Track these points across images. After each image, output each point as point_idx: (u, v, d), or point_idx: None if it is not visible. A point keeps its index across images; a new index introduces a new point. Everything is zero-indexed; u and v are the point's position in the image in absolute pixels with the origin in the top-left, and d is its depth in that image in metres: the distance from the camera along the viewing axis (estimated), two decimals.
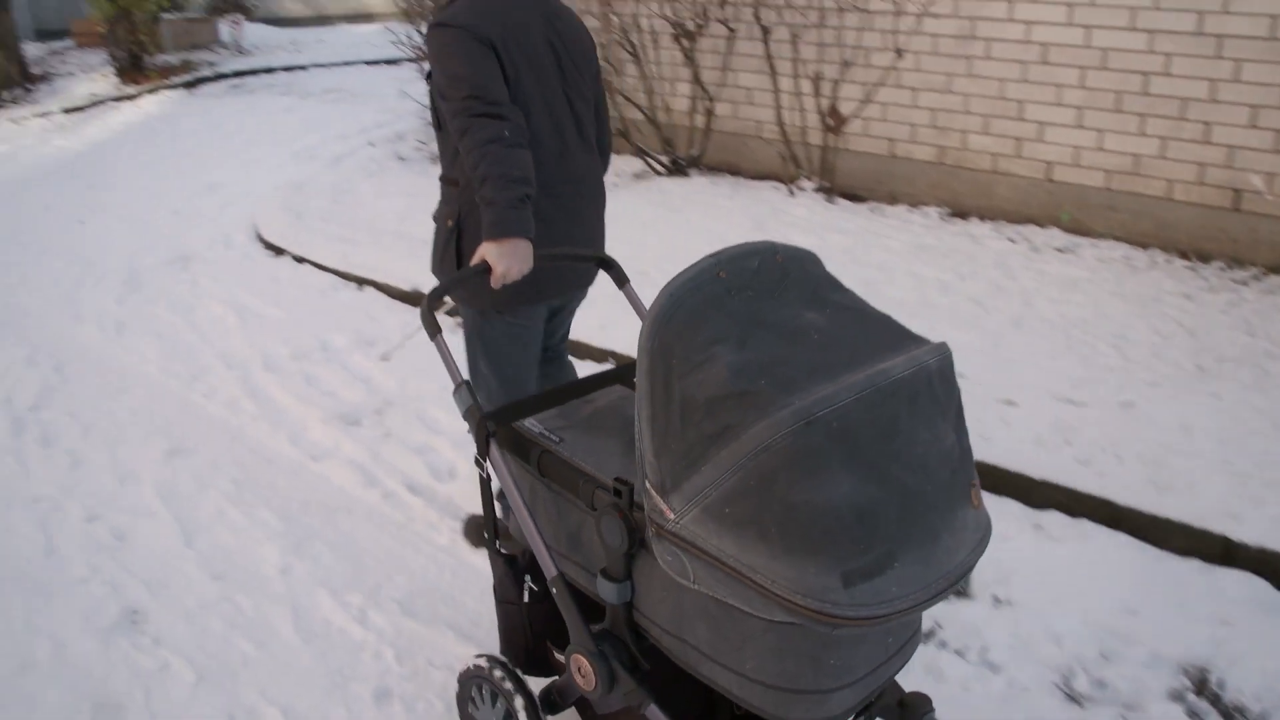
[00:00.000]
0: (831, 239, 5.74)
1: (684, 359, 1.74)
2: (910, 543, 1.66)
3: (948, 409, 1.81)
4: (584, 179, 2.96)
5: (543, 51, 2.78)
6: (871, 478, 1.64)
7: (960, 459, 1.80)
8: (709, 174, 7.19)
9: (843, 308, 1.92)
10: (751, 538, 1.64)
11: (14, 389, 4.86)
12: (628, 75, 7.32)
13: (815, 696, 1.82)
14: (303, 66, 14.47)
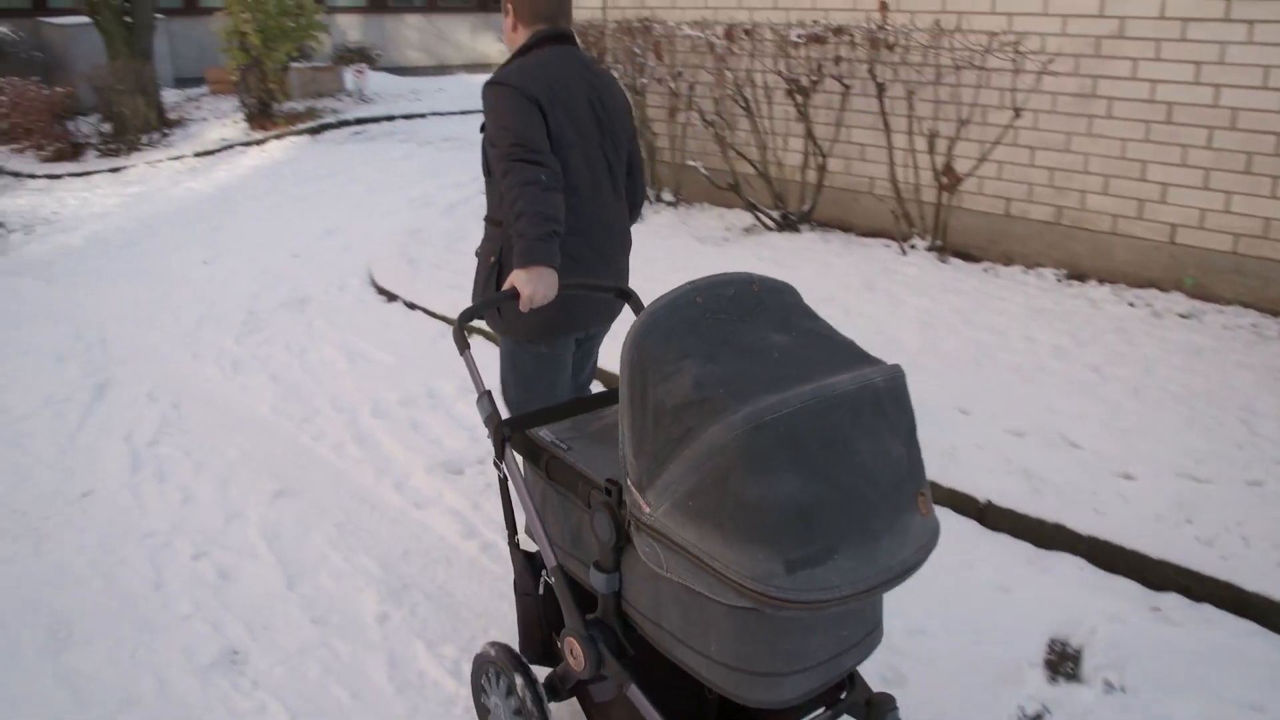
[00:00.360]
0: (943, 299, 5.63)
1: (657, 371, 2.00)
2: (850, 539, 1.87)
3: (897, 425, 2.02)
4: (613, 224, 3.31)
5: (584, 111, 3.14)
6: (815, 479, 1.86)
7: (909, 470, 2.01)
8: (820, 230, 7.13)
9: (809, 332, 2.17)
10: (709, 528, 1.88)
11: (135, 424, 5.02)
12: (740, 129, 7.33)
13: (771, 679, 2.04)
14: (422, 115, 14.85)
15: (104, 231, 9.29)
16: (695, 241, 7.06)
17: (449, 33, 21.91)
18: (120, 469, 4.54)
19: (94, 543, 3.94)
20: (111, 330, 6.42)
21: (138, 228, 9.27)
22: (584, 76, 3.18)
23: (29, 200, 11.14)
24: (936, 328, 5.28)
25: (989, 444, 4.16)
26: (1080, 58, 5.93)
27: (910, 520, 1.99)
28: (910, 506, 1.99)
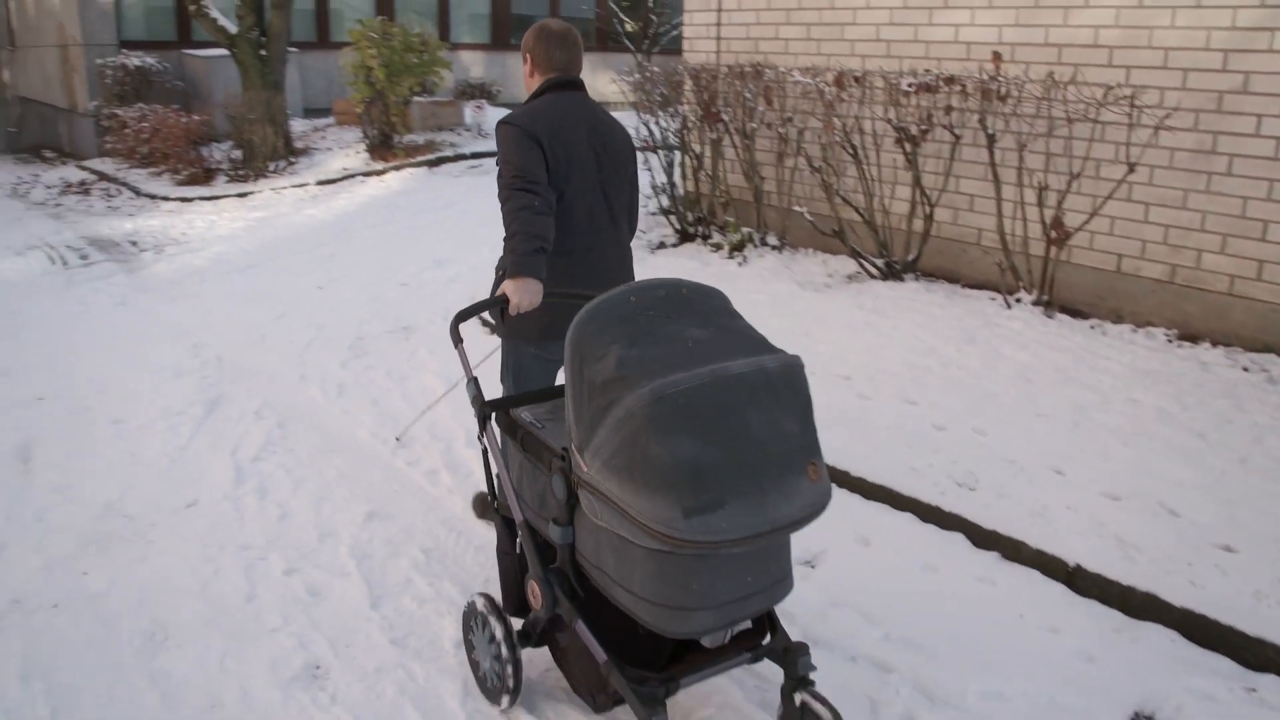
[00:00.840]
0: (1045, 355, 5.51)
1: (591, 354, 2.46)
2: (740, 493, 2.32)
3: (791, 404, 2.48)
4: (608, 248, 3.70)
5: (584, 149, 3.56)
6: (709, 442, 2.31)
7: (800, 443, 2.47)
8: (924, 280, 7.06)
9: (725, 328, 2.61)
10: (626, 481, 2.34)
11: (241, 440, 5.22)
12: (847, 176, 7.31)
13: (683, 613, 2.46)
14: None
15: (227, 254, 9.68)
16: (797, 286, 7.06)
17: None
18: (224, 482, 4.72)
19: (195, 552, 4.10)
20: (227, 349, 6.68)
21: (259, 251, 9.64)
22: (588, 120, 3.61)
23: (161, 221, 11.68)
24: (1036, 384, 5.17)
25: (1082, 506, 4.06)
26: (1200, 113, 5.79)
27: (799, 483, 2.44)
28: (800, 472, 2.45)
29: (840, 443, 4.74)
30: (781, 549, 2.65)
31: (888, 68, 7.21)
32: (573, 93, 3.65)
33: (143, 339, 7.04)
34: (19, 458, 5.11)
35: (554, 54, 3.67)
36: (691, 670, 2.69)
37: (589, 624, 2.70)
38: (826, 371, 5.52)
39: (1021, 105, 6.27)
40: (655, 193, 8.67)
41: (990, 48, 6.63)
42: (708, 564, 2.44)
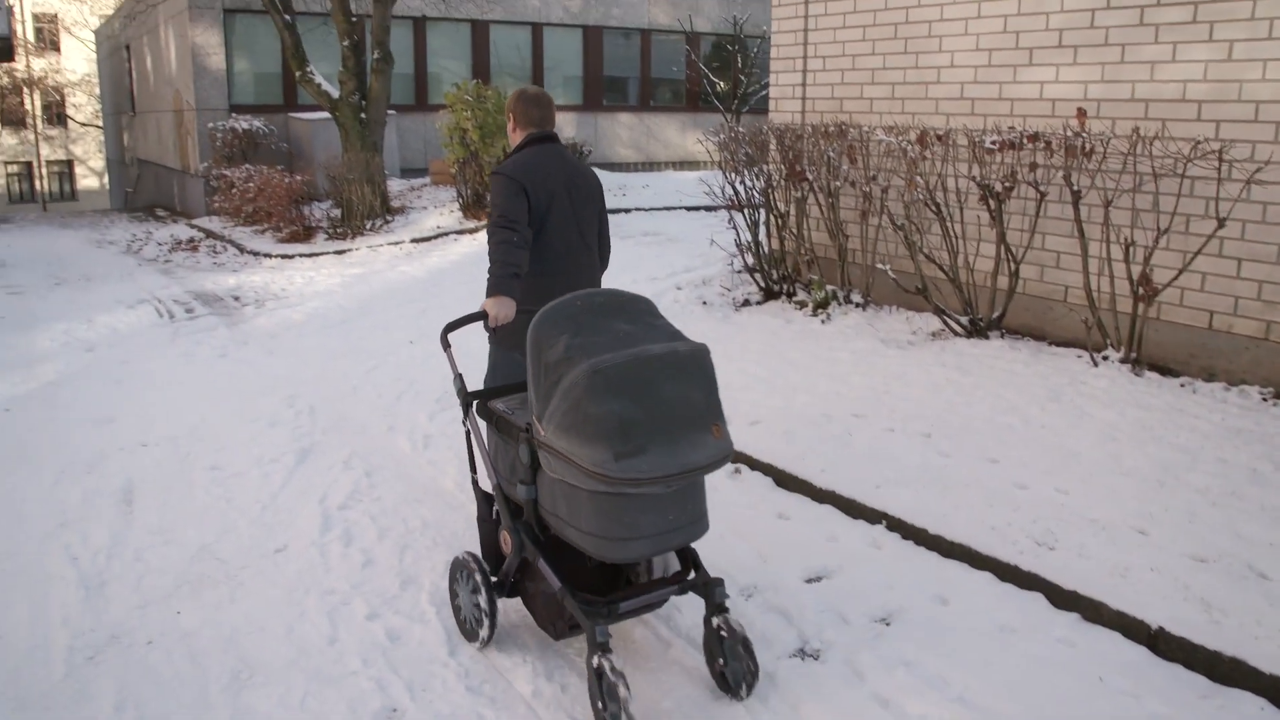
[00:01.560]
0: (1131, 414, 5.42)
1: (546, 342, 3.22)
2: (657, 443, 3.06)
3: (698, 380, 3.22)
4: (581, 270, 4.46)
5: (560, 191, 4.35)
6: (632, 404, 3.05)
7: (705, 409, 3.22)
8: (1009, 337, 6.99)
9: (648, 325, 3.36)
10: (572, 436, 3.06)
11: (330, 488, 5.38)
12: (931, 234, 7.31)
13: (619, 542, 3.17)
14: (625, 209, 15.37)
15: (324, 309, 10.00)
16: (880, 343, 7.05)
17: (658, 131, 22.65)
18: (312, 529, 4.88)
19: (281, 595, 4.24)
20: (320, 400, 6.90)
21: (354, 306, 9.94)
22: (562, 167, 4.39)
23: (263, 277, 12.11)
24: (1121, 442, 5.08)
25: (1166, 568, 3.98)
26: None
27: (705, 439, 3.19)
28: (706, 430, 3.20)
29: (918, 500, 4.71)
30: (697, 493, 3.37)
31: (972, 125, 7.21)
32: (550, 145, 4.44)
33: (241, 390, 7.31)
34: (123, 500, 5.35)
35: (531, 112, 4.45)
36: (630, 597, 3.38)
37: (548, 561, 3.41)
38: (906, 429, 5.50)
39: (1107, 161, 6.23)
40: (740, 250, 8.75)
41: (1075, 104, 6.61)
42: (636, 501, 3.16)
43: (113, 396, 7.32)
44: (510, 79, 20.43)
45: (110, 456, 6.02)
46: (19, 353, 8.75)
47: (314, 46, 17.17)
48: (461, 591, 3.86)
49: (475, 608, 3.74)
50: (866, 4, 8.15)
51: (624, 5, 21.71)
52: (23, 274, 13.47)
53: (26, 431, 6.56)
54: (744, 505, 5.02)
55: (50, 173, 45.58)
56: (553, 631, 3.54)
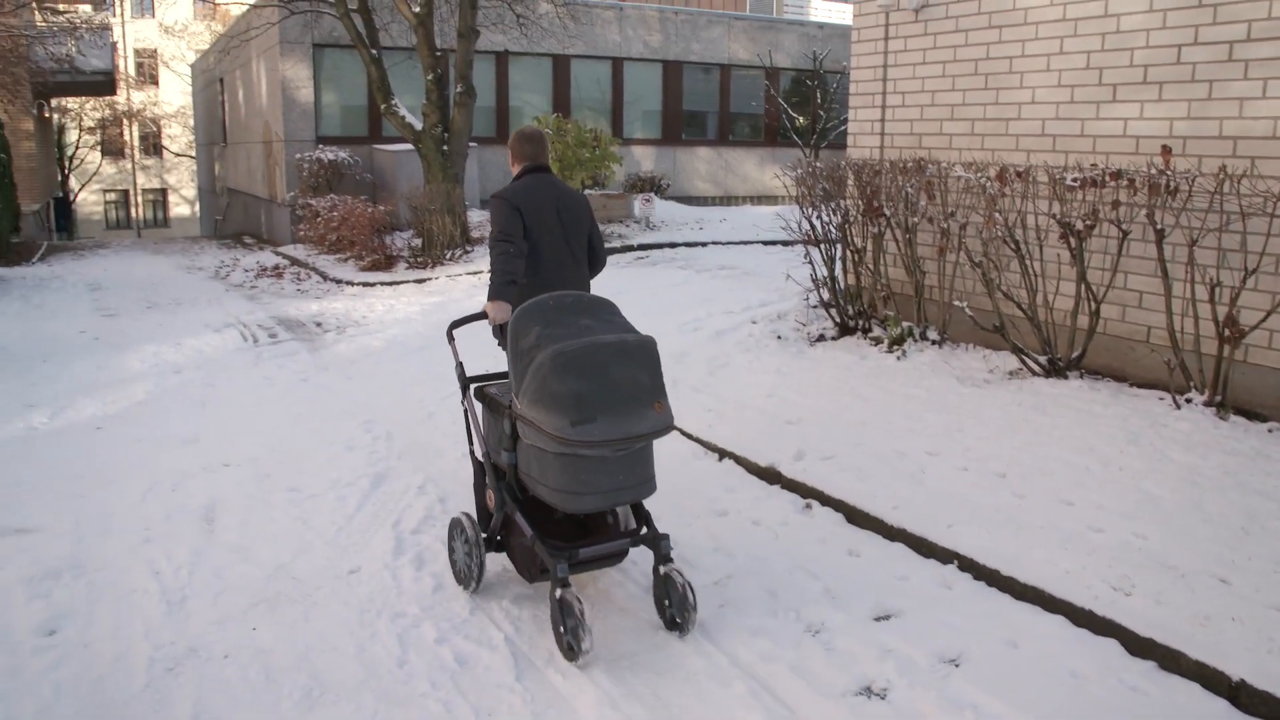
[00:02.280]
0: (1215, 459, 5.29)
1: (522, 333, 3.97)
2: (606, 413, 3.77)
3: (644, 364, 3.94)
4: (569, 280, 5.10)
5: (550, 212, 5.09)
6: (586, 382, 3.77)
7: (649, 389, 3.93)
8: (1089, 378, 6.87)
9: (607, 320, 4.14)
10: (540, 408, 3.79)
11: (403, 513, 5.47)
12: (1010, 271, 7.23)
13: (576, 496, 3.90)
14: (703, 243, 15.44)
15: (403, 336, 10.18)
16: (955, 381, 6.97)
17: (736, 165, 22.73)
18: (385, 552, 4.96)
19: (354, 616, 4.32)
20: (396, 426, 7.02)
21: (432, 334, 10.10)
22: (551, 193, 5.15)
23: (344, 304, 12.37)
24: (1203, 488, 4.96)
25: (1249, 618, 3.87)
26: None
27: (648, 413, 3.91)
28: (649, 406, 3.91)
29: (991, 540, 4.65)
30: (644, 458, 4.06)
31: (1053, 162, 7.14)
32: (542, 174, 5.22)
33: (320, 414, 7.47)
34: (204, 519, 5.49)
35: (525, 149, 5.25)
36: (589, 545, 4.11)
37: (524, 515, 4.16)
38: (980, 468, 5.43)
39: (1193, 199, 6.12)
40: (816, 286, 8.74)
41: (1160, 141, 6.51)
42: (590, 463, 3.89)
43: (198, 417, 7.53)
44: (590, 112, 20.68)
45: (194, 476, 6.19)
46: (111, 373, 9.04)
47: (399, 80, 17.56)
48: (457, 546, 4.58)
49: (467, 559, 4.48)
50: (946, 40, 8.13)
51: (704, 40, 21.88)
52: (117, 297, 13.93)
53: (116, 450, 6.77)
54: (814, 541, 5.00)
55: (145, 200, 47.12)
56: (528, 576, 4.29)
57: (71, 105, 39.91)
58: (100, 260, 19.39)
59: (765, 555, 4.83)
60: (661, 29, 21.43)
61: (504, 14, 18.07)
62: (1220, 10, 6.25)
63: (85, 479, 6.18)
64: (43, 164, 26.92)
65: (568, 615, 3.87)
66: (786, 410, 6.69)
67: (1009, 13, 7.56)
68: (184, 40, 43.39)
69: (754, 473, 5.97)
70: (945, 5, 8.12)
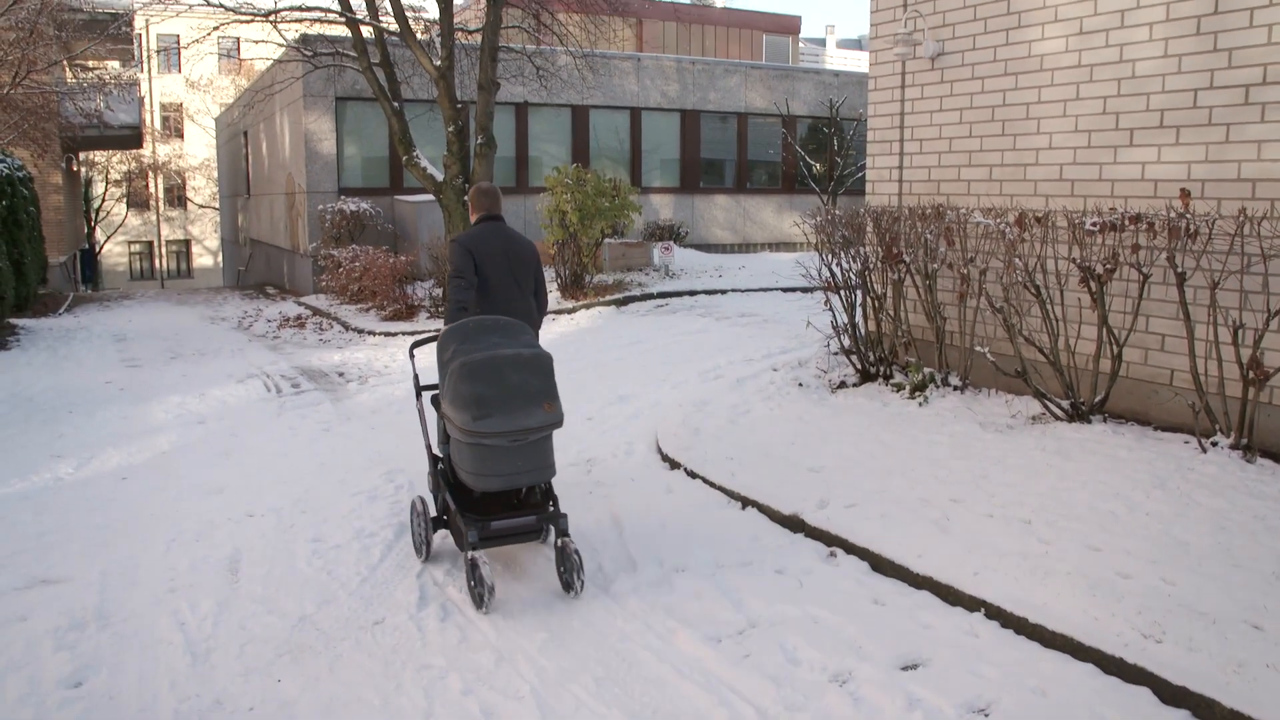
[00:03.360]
0: (1243, 503, 5.24)
1: (445, 348, 5.02)
2: (501, 411, 4.76)
3: (537, 372, 4.92)
4: (513, 306, 6.00)
5: (499, 255, 6.03)
6: (485, 386, 4.77)
7: (540, 391, 4.89)
8: (1112, 422, 6.84)
9: (514, 339, 5.11)
10: (452, 407, 4.86)
11: (428, 563, 5.46)
12: (1031, 316, 7.22)
13: (484, 478, 4.86)
14: (722, 290, 15.48)
15: None
16: (978, 427, 6.95)
17: (755, 212, 22.85)
18: (409, 603, 4.96)
19: (379, 668, 4.31)
20: (419, 476, 7.03)
21: None
22: (500, 238, 6.10)
23: (366, 354, 12.44)
24: (1232, 532, 4.91)
25: None
26: None
27: (538, 410, 4.86)
28: (540, 405, 4.87)
29: (1018, 588, 4.61)
30: (541, 448, 5.01)
31: (1071, 207, 7.16)
32: (494, 223, 6.18)
33: (344, 464, 7.50)
34: (229, 569, 5.51)
35: (482, 201, 6.21)
36: (499, 518, 5.05)
37: (451, 494, 5.19)
38: (1005, 514, 5.40)
39: (1213, 242, 6.12)
40: (836, 333, 8.75)
41: (1178, 184, 6.52)
42: (494, 451, 4.88)
43: (222, 468, 7.57)
44: (609, 162, 20.86)
45: (219, 526, 6.22)
46: (136, 424, 9.11)
47: (420, 131, 17.79)
48: (414, 522, 5.61)
49: (420, 533, 5.53)
50: (963, 87, 8.19)
51: (721, 90, 22.09)
52: (141, 348, 14.06)
53: (141, 500, 6.81)
54: (839, 589, 4.97)
55: (169, 251, 47.66)
56: (460, 545, 5.14)
57: (99, 159, 40.56)
58: (125, 311, 19.61)
59: (789, 605, 4.80)
60: (679, 79, 21.65)
61: (524, 66, 18.31)
62: (1235, 54, 6.29)
63: (110, 529, 6.22)
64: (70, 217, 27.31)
65: (475, 573, 4.87)
66: (809, 458, 6.68)
67: (1024, 59, 7.62)
68: (209, 94, 44.10)
69: (777, 521, 5.95)
70: (961, 53, 8.19)
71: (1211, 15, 6.39)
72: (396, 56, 17.16)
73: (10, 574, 5.49)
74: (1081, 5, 7.17)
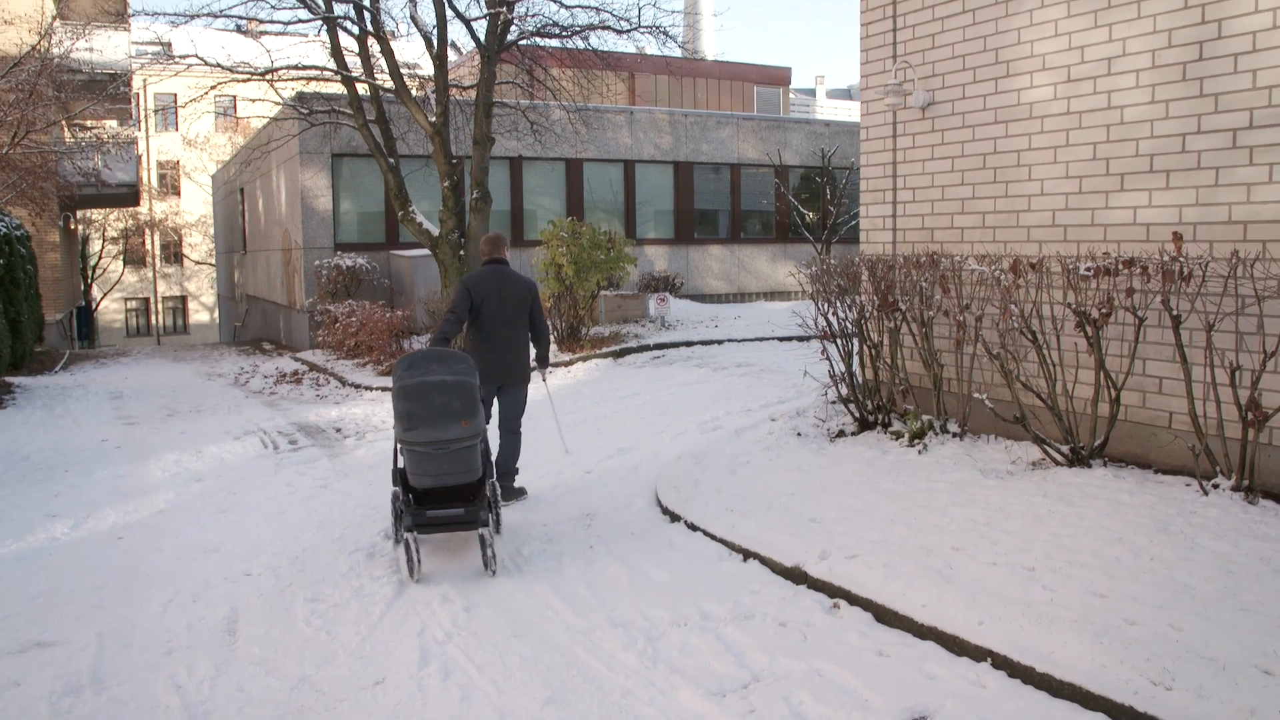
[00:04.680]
0: (1247, 545, 5.21)
1: (395, 375, 6.29)
2: (426, 425, 6.09)
3: (457, 394, 6.16)
4: (503, 341, 7.50)
5: (494, 295, 7.44)
6: (416, 405, 6.11)
7: (460, 411, 6.14)
8: (1112, 466, 6.82)
9: (448, 367, 6.27)
10: (394, 418, 6.27)
11: (428, 622, 5.42)
12: (1028, 361, 7.23)
13: (419, 476, 6.25)
14: (719, 341, 15.50)
15: None
16: (978, 474, 6.93)
17: (749, 262, 22.94)
18: (410, 662, 4.90)
19: None
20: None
21: None
22: (497, 279, 7.54)
23: (363, 409, 12.41)
24: (1238, 575, 4.88)
25: None
26: None
27: (455, 426, 6.11)
28: (457, 421, 6.11)
29: (1024, 636, 4.57)
30: (464, 455, 6.22)
31: (1065, 252, 7.20)
32: (496, 265, 7.65)
33: (342, 521, 7.45)
34: (226, 630, 5.45)
35: (486, 248, 7.76)
36: (434, 509, 6.23)
37: (403, 490, 6.30)
38: (1009, 562, 5.36)
39: (1207, 284, 6.15)
40: (834, 381, 8.75)
41: (1170, 228, 6.57)
42: (424, 456, 6.14)
43: (219, 526, 7.52)
44: (604, 214, 20.98)
45: (216, 586, 6.17)
46: (132, 482, 9.07)
47: (415, 186, 17.90)
48: (393, 513, 6.47)
49: (394, 522, 6.46)
50: (954, 136, 8.26)
51: (713, 141, 22.28)
52: (138, 405, 14.03)
53: (138, 560, 6.76)
54: (843, 641, 4.92)
55: (166, 307, 47.76)
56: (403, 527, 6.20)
57: (96, 216, 40.76)
58: (121, 368, 19.59)
59: (793, 659, 4.75)
60: (672, 131, 21.84)
61: (518, 121, 18.47)
62: (1222, 99, 6.35)
63: (106, 590, 6.17)
64: (67, 274, 27.39)
65: (408, 550, 6.08)
66: (810, 508, 6.65)
67: (1014, 107, 7.70)
68: (206, 152, 44.45)
69: (779, 573, 5.91)
70: (951, 102, 8.27)
71: (1197, 62, 6.47)
72: (392, 113, 17.32)
73: (4, 637, 5.44)
74: (1069, 53, 7.26)
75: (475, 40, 16.33)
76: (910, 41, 8.66)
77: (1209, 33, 6.41)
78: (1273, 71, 6.09)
